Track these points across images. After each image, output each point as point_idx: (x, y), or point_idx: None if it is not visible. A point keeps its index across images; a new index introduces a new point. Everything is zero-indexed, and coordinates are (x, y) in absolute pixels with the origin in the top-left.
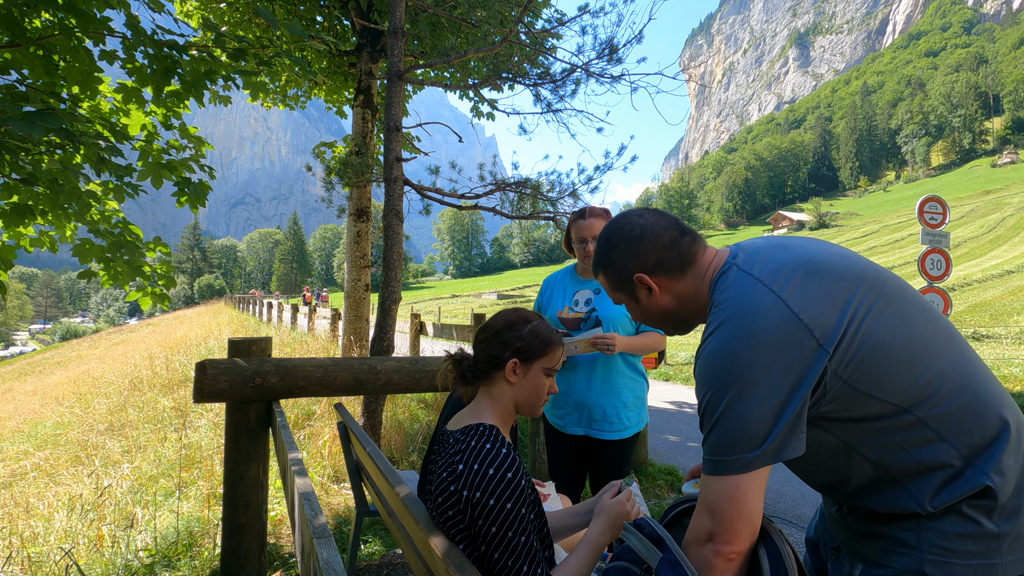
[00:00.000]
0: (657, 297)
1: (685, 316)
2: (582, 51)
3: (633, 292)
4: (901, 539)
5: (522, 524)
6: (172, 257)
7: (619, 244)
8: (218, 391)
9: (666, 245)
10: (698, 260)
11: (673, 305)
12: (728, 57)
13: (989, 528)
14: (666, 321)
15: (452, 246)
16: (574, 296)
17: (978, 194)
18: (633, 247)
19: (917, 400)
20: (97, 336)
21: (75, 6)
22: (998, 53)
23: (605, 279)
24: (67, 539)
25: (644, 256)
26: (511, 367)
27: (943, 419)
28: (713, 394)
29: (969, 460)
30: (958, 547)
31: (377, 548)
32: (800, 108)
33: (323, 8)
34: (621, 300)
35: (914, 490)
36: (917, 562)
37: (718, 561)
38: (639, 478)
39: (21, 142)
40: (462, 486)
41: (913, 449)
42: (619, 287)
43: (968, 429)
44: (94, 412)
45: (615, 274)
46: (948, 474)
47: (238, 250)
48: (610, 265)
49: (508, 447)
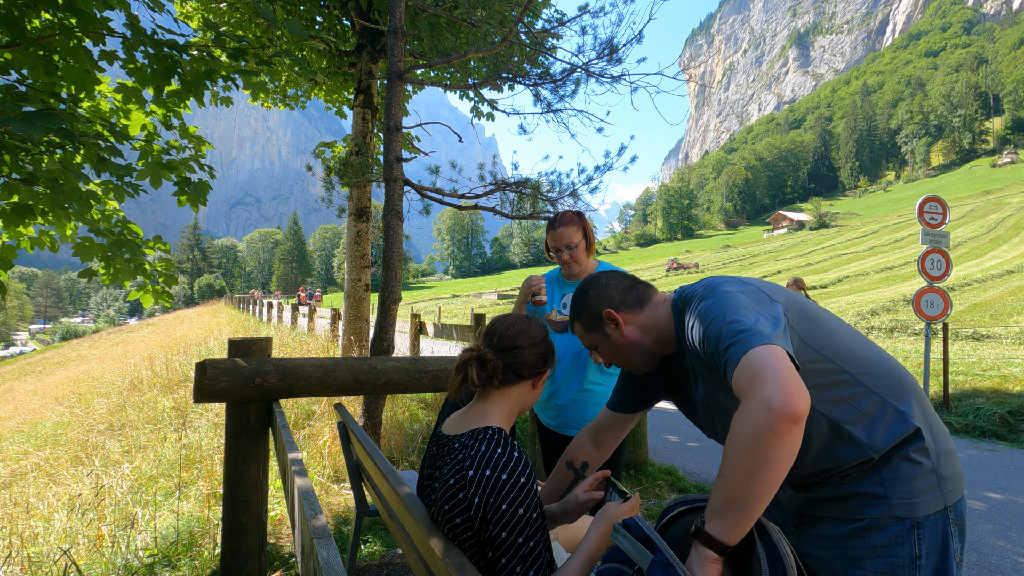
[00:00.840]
0: (623, 329)
1: (649, 344)
2: (582, 51)
3: (603, 329)
4: (870, 492)
5: (533, 528)
6: (172, 257)
7: (589, 292)
8: (218, 391)
9: (626, 288)
10: (653, 298)
11: (637, 335)
12: (728, 57)
13: (929, 465)
14: (633, 353)
15: (452, 246)
16: (561, 299)
17: (978, 194)
18: (600, 292)
19: (848, 362)
20: (97, 336)
21: (75, 6)
22: (998, 53)
23: (580, 325)
24: (67, 539)
25: (610, 297)
26: (545, 376)
27: (870, 375)
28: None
29: (896, 408)
30: (914, 488)
31: (377, 548)
32: (800, 108)
33: (323, 8)
34: (594, 342)
35: (861, 437)
36: (887, 508)
37: (782, 424)
38: (639, 478)
39: (21, 142)
40: (473, 493)
41: (854, 401)
42: (591, 328)
43: (887, 384)
44: (94, 412)
45: (587, 316)
46: (883, 418)
47: (238, 250)
48: (583, 309)
49: (520, 451)
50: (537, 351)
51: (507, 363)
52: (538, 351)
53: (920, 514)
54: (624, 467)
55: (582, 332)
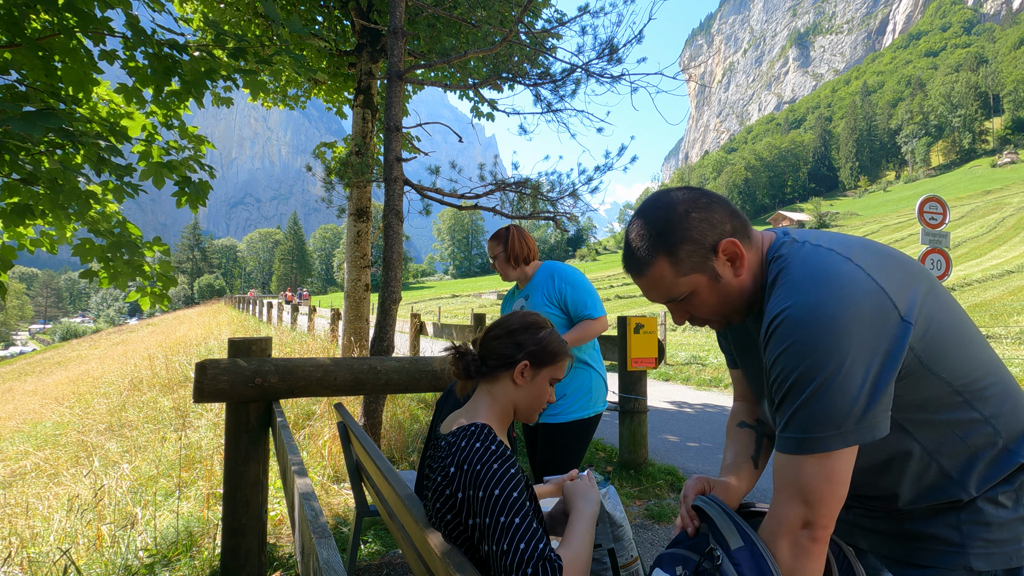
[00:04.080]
0: (743, 269)
1: (752, 296)
2: (582, 51)
3: (713, 270)
4: (944, 537)
5: (515, 507)
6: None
7: (691, 213)
8: (218, 391)
9: (734, 212)
10: (753, 233)
11: (748, 281)
12: (728, 57)
13: (1019, 512)
14: (739, 303)
15: (452, 246)
16: (514, 307)
17: (978, 194)
18: (707, 215)
19: (967, 381)
20: (97, 336)
21: (75, 6)
22: (998, 53)
23: (670, 264)
24: (66, 539)
25: (722, 222)
26: (520, 369)
27: (987, 401)
28: (808, 365)
29: (1006, 443)
30: (996, 536)
31: (377, 548)
32: (800, 108)
33: (323, 8)
34: (694, 286)
35: (958, 475)
36: (963, 558)
37: (816, 547)
38: (639, 478)
39: (21, 142)
40: (456, 488)
41: (960, 430)
42: (694, 267)
43: (1005, 412)
44: (94, 412)
45: (690, 250)
46: (990, 455)
47: (238, 250)
48: (683, 241)
49: (499, 444)
50: (509, 340)
51: (481, 354)
52: (510, 340)
53: (1000, 567)
54: (624, 467)
55: (671, 275)
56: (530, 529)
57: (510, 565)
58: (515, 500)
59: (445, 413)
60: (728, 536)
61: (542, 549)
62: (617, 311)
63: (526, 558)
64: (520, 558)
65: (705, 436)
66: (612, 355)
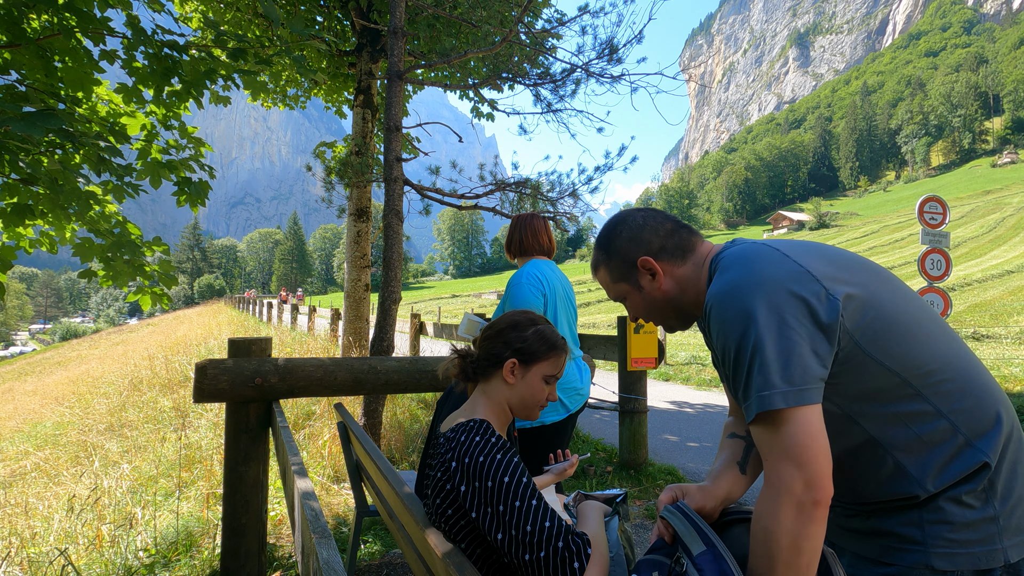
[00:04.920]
0: (661, 282)
1: (686, 304)
2: (582, 51)
3: (636, 279)
4: (905, 535)
5: (527, 491)
6: (172, 257)
7: (622, 234)
8: (218, 391)
9: (668, 232)
10: (697, 249)
11: (675, 291)
12: (728, 57)
13: (987, 512)
14: (667, 310)
15: (452, 246)
16: None
17: (978, 194)
18: (636, 235)
19: (919, 374)
20: (97, 336)
21: (75, 6)
22: (998, 53)
23: (606, 271)
24: (66, 539)
25: (647, 242)
26: (509, 367)
27: (943, 396)
28: (742, 333)
29: (968, 440)
30: (961, 536)
31: (377, 548)
32: (800, 108)
33: (323, 8)
34: (621, 293)
35: (914, 470)
36: (924, 557)
37: (819, 512)
38: (639, 478)
39: (21, 142)
40: (459, 482)
41: (913, 424)
42: (621, 276)
43: (965, 408)
44: (94, 412)
45: (618, 262)
46: (948, 452)
47: (238, 250)
48: (613, 254)
49: (498, 437)
50: (498, 339)
51: (479, 355)
52: (499, 339)
53: (966, 567)
54: (624, 467)
55: (607, 280)
56: (548, 510)
57: (538, 543)
58: (525, 485)
59: (445, 413)
60: (690, 543)
61: (567, 526)
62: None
63: (554, 533)
64: (548, 534)
65: (705, 436)
66: (612, 355)
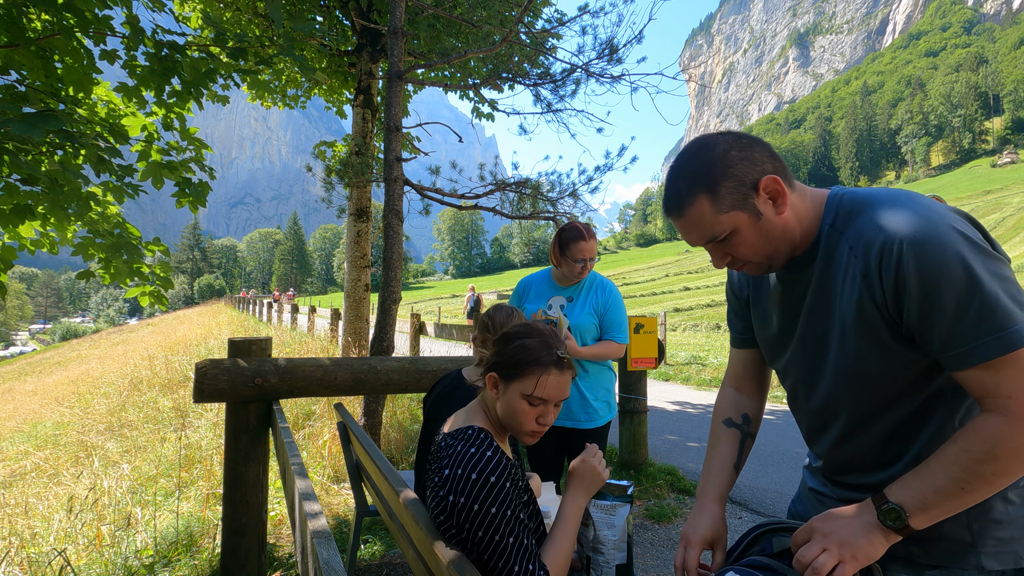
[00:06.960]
0: (785, 207)
1: (797, 238)
2: (582, 51)
3: (754, 207)
4: (955, 537)
5: (509, 526)
6: (172, 257)
7: (730, 152)
8: (218, 391)
9: (774, 153)
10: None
11: (793, 221)
12: (728, 57)
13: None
14: (781, 244)
15: (452, 246)
16: (548, 301)
17: (978, 194)
18: (748, 154)
19: None
20: (97, 336)
21: (75, 6)
22: (998, 53)
23: (711, 202)
24: (66, 539)
25: (762, 161)
26: (491, 380)
27: None
28: (963, 279)
29: None
30: (1006, 534)
31: (377, 548)
32: (800, 108)
33: (323, 8)
34: (730, 227)
35: None
36: (975, 557)
37: None
38: (639, 478)
39: (21, 143)
40: (448, 491)
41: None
42: (735, 204)
43: None
44: (94, 412)
45: (732, 187)
46: None
47: (238, 250)
48: (723, 178)
49: (495, 450)
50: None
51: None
52: (493, 346)
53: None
54: (624, 467)
55: (711, 214)
56: (522, 548)
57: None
58: (509, 519)
59: (446, 411)
60: None
61: (532, 571)
62: None
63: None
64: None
65: (705, 436)
66: None
